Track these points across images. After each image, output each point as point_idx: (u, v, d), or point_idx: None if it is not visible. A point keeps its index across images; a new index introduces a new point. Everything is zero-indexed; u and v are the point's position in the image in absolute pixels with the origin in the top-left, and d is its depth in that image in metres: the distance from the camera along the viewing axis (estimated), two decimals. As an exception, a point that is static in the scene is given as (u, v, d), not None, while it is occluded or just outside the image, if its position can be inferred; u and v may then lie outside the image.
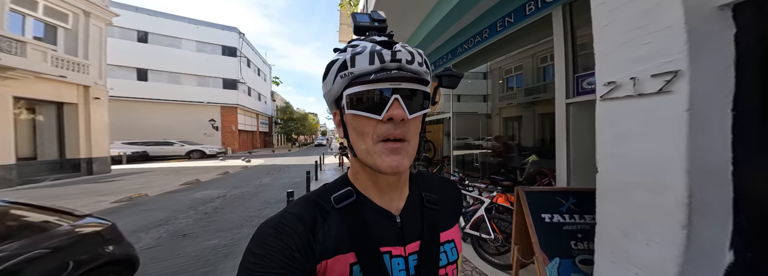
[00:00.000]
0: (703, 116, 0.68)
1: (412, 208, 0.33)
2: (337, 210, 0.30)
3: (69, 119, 6.54)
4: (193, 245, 2.35)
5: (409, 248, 0.31)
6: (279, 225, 0.28)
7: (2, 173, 5.01)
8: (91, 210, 3.45)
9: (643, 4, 0.79)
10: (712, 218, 0.68)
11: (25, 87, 5.45)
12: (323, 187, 0.34)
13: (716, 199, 0.68)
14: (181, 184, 5.46)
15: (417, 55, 0.28)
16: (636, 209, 0.81)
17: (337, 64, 0.28)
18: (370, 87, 0.26)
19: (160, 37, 14.24)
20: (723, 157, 0.68)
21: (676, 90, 0.70)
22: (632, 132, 0.82)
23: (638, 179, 0.80)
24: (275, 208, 3.58)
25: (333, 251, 0.28)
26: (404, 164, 0.26)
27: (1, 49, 4.71)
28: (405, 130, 0.27)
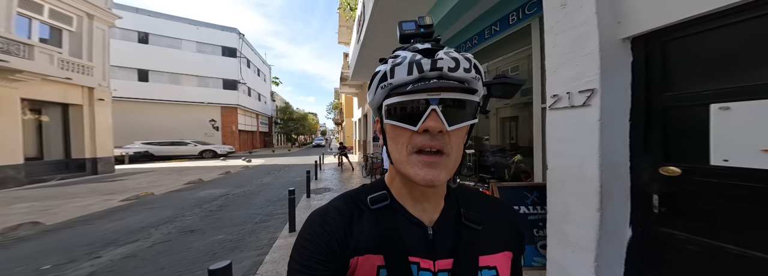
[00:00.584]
0: (609, 125, 0.89)
1: (447, 223, 0.31)
2: (372, 211, 0.31)
3: (74, 120, 6.73)
4: (201, 240, 2.54)
5: (440, 264, 0.29)
6: (325, 216, 0.30)
7: (11, 173, 5.20)
8: (100, 208, 3.65)
9: (575, 33, 0.99)
10: (617, 203, 0.89)
11: (32, 89, 5.64)
12: (362, 187, 0.35)
13: (618, 187, 0.89)
14: (184, 184, 5.65)
15: (463, 61, 0.26)
16: (570, 198, 1.01)
17: (378, 75, 0.28)
18: (407, 98, 0.26)
19: (160, 38, 14.40)
20: (623, 156, 0.89)
21: (593, 104, 0.91)
22: (567, 136, 1.03)
23: (571, 174, 1.00)
24: (278, 206, 3.77)
25: (364, 249, 0.28)
26: (440, 178, 0.25)
27: (9, 52, 4.90)
28: (443, 142, 0.25)
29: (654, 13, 0.80)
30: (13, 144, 5.24)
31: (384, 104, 0.28)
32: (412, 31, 0.30)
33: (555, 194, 1.10)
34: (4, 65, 4.78)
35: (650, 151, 0.85)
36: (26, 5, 5.72)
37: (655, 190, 0.84)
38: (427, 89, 0.25)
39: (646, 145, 0.85)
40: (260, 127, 21.70)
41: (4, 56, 4.79)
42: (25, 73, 5.15)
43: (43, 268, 1.96)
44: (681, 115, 0.81)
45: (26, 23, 5.86)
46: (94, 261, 2.09)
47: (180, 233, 2.73)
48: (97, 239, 2.56)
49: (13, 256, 2.23)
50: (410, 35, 0.30)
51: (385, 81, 0.28)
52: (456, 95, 0.25)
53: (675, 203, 0.82)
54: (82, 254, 2.22)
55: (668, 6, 0.76)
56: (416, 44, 0.29)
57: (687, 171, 0.77)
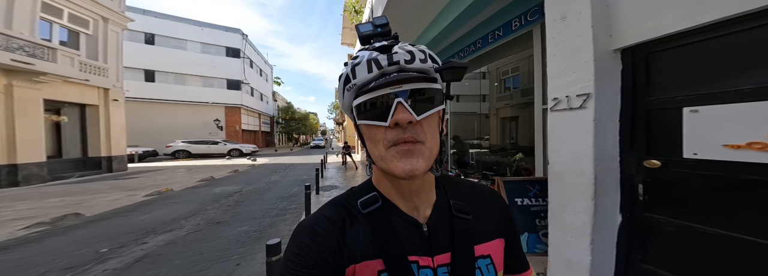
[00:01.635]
0: (602, 124, 1.08)
1: (440, 217, 0.31)
2: (364, 215, 0.30)
3: (90, 120, 7.03)
4: (228, 230, 2.77)
5: (438, 260, 0.29)
6: (313, 226, 0.29)
7: (35, 170, 5.49)
8: (128, 202, 3.91)
9: (573, 43, 1.18)
10: (608, 192, 1.09)
11: (54, 90, 5.93)
12: (350, 191, 0.34)
13: (609, 179, 1.08)
14: (198, 181, 5.91)
15: (417, 53, 0.27)
16: (568, 190, 1.21)
17: (342, 78, 0.29)
18: (372, 95, 0.26)
19: (166, 39, 14.71)
20: (613, 151, 1.08)
21: (588, 106, 1.10)
22: (566, 134, 1.22)
23: (569, 168, 1.20)
24: (289, 202, 3.99)
25: (360, 256, 0.28)
26: (419, 167, 0.25)
27: (35, 56, 5.18)
28: (416, 133, 0.26)
29: (639, 28, 0.99)
30: (37, 142, 5.53)
31: (353, 106, 0.28)
32: (369, 32, 0.30)
33: (555, 187, 1.29)
34: (30, 68, 5.06)
35: (635, 147, 1.04)
36: (48, 10, 6.00)
37: (640, 181, 1.03)
38: (389, 83, 0.26)
39: (632, 141, 1.05)
40: (262, 126, 22.00)
41: (31, 59, 5.07)
42: (48, 76, 5.43)
43: (102, 251, 2.21)
44: (660, 116, 0.99)
45: (48, 27, 6.14)
46: (142, 246, 2.33)
47: (208, 225, 2.96)
48: (136, 228, 2.81)
49: (71, 241, 2.49)
50: (369, 36, 0.30)
51: (349, 82, 0.28)
52: (417, 85, 0.26)
53: (656, 191, 1.01)
54: (129, 240, 2.47)
55: (650, 23, 0.95)
56: (375, 43, 0.29)
57: (665, 163, 0.96)
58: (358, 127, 0.30)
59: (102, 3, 7.08)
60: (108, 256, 2.13)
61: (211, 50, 16.17)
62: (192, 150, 12.30)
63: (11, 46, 4.84)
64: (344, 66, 0.30)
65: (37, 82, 5.47)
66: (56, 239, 2.55)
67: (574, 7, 1.14)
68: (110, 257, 2.11)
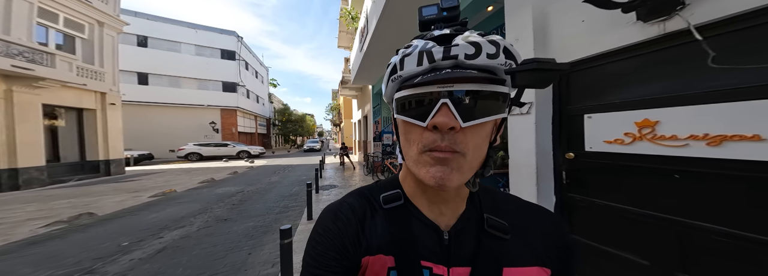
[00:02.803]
0: (541, 126, 1.43)
1: (466, 229, 0.29)
2: (385, 210, 0.30)
3: (88, 124, 7.10)
4: (236, 226, 3.03)
5: (455, 272, 0.27)
6: (338, 211, 0.30)
7: (36, 174, 5.57)
8: (135, 203, 4.10)
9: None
10: (546, 179, 1.44)
11: (52, 95, 6.01)
12: (375, 184, 0.34)
13: (546, 168, 1.43)
14: (199, 182, 6.08)
15: (486, 46, 0.23)
16: (522, 178, 1.55)
17: (389, 67, 0.27)
18: (415, 91, 0.24)
19: (159, 42, 14.66)
20: (548, 147, 1.44)
21: (532, 112, 1.45)
22: (518, 134, 1.57)
23: (522, 161, 1.54)
24: (291, 200, 4.25)
25: (376, 249, 0.28)
26: (451, 179, 0.23)
27: (34, 61, 5.29)
28: (454, 142, 0.23)
29: (562, 53, 1.33)
30: (37, 147, 5.61)
31: (395, 98, 0.27)
32: (432, 16, 0.27)
33: (513, 177, 1.63)
34: (30, 73, 5.17)
35: (561, 143, 1.39)
36: (44, 15, 6.08)
37: (564, 169, 1.37)
38: (437, 80, 0.23)
39: (559, 139, 1.40)
40: (259, 128, 21.99)
41: (30, 65, 5.18)
42: (47, 81, 5.54)
43: (123, 245, 2.45)
44: (573, 120, 1.33)
45: (44, 32, 6.22)
46: (159, 240, 2.58)
47: (216, 221, 3.21)
48: (149, 225, 3.04)
49: (92, 236, 2.72)
50: (430, 21, 0.28)
51: (395, 73, 0.26)
52: (473, 86, 0.23)
53: (573, 177, 1.35)
54: (146, 235, 2.71)
55: (567, 51, 1.30)
56: (435, 31, 0.26)
57: (577, 155, 1.30)
58: (396, 120, 0.28)
59: (97, 7, 7.17)
60: (130, 248, 2.38)
61: (206, 52, 16.17)
62: (203, 152, 12.66)
63: (11, 52, 4.95)
64: (396, 53, 0.27)
65: (37, 87, 5.56)
66: (78, 235, 2.76)
67: (523, 32, 1.49)
68: (133, 249, 2.36)
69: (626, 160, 1.06)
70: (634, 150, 1.00)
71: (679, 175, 0.89)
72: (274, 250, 2.34)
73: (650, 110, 0.94)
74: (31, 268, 2.02)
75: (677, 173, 0.90)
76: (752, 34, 0.74)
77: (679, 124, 0.86)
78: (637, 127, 0.98)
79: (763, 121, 0.70)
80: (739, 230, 0.78)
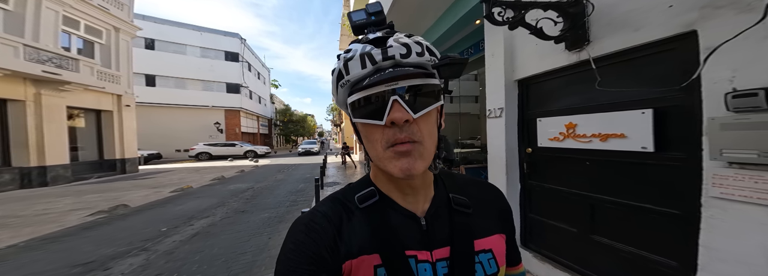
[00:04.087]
0: (509, 127, 1.83)
1: (438, 211, 0.32)
2: (361, 210, 0.31)
3: (106, 125, 7.58)
4: (253, 217, 3.45)
5: (437, 254, 0.29)
6: (309, 222, 0.30)
7: (61, 171, 6.04)
8: (155, 198, 4.53)
9: (495, 74, 1.91)
10: (513, 169, 1.84)
11: (75, 98, 6.50)
12: (347, 187, 0.35)
13: (513, 161, 1.83)
14: (210, 180, 6.52)
15: (414, 46, 0.26)
16: (496, 170, 1.94)
17: (335, 74, 0.28)
18: (366, 93, 0.26)
19: (166, 44, 15.17)
20: (514, 144, 1.84)
21: (502, 116, 1.85)
22: (493, 134, 1.97)
23: (496, 155, 1.94)
24: (298, 195, 4.67)
25: (357, 251, 0.28)
26: (417, 167, 0.25)
27: (61, 66, 5.76)
28: (411, 132, 0.25)
29: (523, 68, 1.72)
30: (62, 146, 6.09)
31: (348, 103, 0.28)
32: (363, 21, 0.30)
33: (490, 168, 2.03)
34: (57, 78, 5.64)
35: (523, 141, 1.79)
36: (67, 22, 6.57)
37: (525, 161, 1.78)
38: (384, 80, 0.25)
39: (521, 138, 1.80)
40: (261, 129, 22.46)
41: (58, 70, 5.66)
42: (72, 84, 6.01)
43: (163, 230, 2.88)
44: (531, 122, 1.72)
45: (67, 38, 6.71)
46: (191, 226, 3.01)
47: (235, 213, 3.63)
48: (178, 216, 3.47)
49: (134, 223, 3.17)
50: (362, 26, 0.30)
51: (342, 78, 0.27)
52: (414, 81, 0.26)
53: (531, 167, 1.74)
54: (179, 223, 3.14)
55: (526, 67, 1.69)
56: (369, 34, 0.29)
57: (533, 150, 1.70)
58: (355, 124, 0.30)
59: (114, 14, 7.66)
60: (169, 233, 2.81)
61: (211, 54, 16.67)
62: (212, 152, 13.27)
63: (41, 58, 5.42)
64: (337, 59, 0.29)
65: (62, 90, 6.04)
66: (120, 222, 3.21)
67: (497, 49, 1.89)
68: (172, 234, 2.79)
69: (560, 153, 1.46)
70: (564, 145, 1.40)
71: (589, 162, 1.29)
72: (291, 234, 2.76)
73: (572, 116, 1.34)
74: (94, 247, 2.45)
75: (587, 161, 1.30)
76: (620, 67, 1.15)
77: (587, 126, 1.26)
78: (566, 128, 1.38)
79: (625, 125, 1.10)
80: (618, 198, 1.17)
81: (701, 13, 0.85)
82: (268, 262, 2.12)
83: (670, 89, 0.96)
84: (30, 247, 2.47)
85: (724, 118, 0.78)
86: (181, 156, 13.99)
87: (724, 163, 0.80)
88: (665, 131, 0.99)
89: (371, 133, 0.27)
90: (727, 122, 0.77)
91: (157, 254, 2.27)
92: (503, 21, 1.17)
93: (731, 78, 0.78)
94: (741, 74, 0.76)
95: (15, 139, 5.46)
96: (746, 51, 0.75)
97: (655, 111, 1.00)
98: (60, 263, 2.10)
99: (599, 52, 1.19)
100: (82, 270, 1.98)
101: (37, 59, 5.35)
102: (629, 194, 1.14)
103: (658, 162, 1.02)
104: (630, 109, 1.08)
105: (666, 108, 0.99)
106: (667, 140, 0.99)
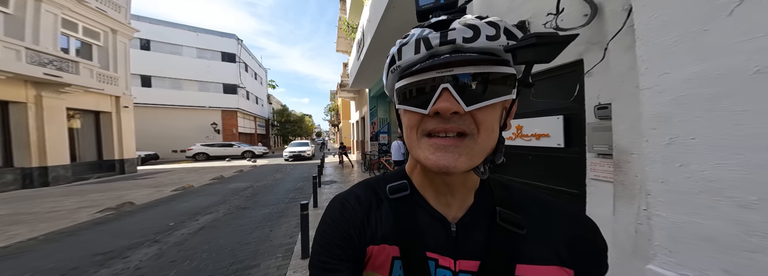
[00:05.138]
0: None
1: (476, 221, 0.28)
2: (390, 200, 0.30)
3: (104, 126, 7.71)
4: (254, 212, 3.69)
5: (462, 265, 0.26)
6: (345, 201, 0.31)
7: (62, 172, 6.18)
8: (159, 196, 4.73)
9: None
10: (486, 164, 2.14)
11: (75, 99, 6.63)
12: (383, 175, 0.34)
13: (486, 157, 2.13)
14: (210, 179, 6.71)
15: (485, 28, 0.23)
16: None
17: (388, 59, 0.27)
18: (415, 79, 0.24)
19: (161, 45, 15.20)
20: None
21: None
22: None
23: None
24: (297, 193, 4.91)
25: (380, 239, 0.28)
26: (458, 164, 0.23)
27: (62, 69, 5.90)
28: (461, 124, 0.23)
29: None
30: (62, 147, 6.22)
31: (395, 89, 0.26)
32: (430, 5, 0.28)
33: None
34: (58, 80, 5.78)
35: None
36: (66, 25, 6.69)
37: None
38: (436, 66, 0.23)
39: None
40: (258, 129, 22.54)
41: (59, 72, 5.80)
42: (72, 86, 6.15)
43: (170, 225, 3.11)
44: None
45: (65, 41, 6.82)
46: (196, 221, 3.25)
47: (237, 209, 3.87)
48: (183, 212, 3.69)
49: (142, 219, 3.39)
50: (428, 10, 0.29)
51: (393, 64, 0.26)
52: (474, 69, 0.22)
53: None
54: (185, 218, 3.37)
55: None
56: (433, 18, 0.27)
57: (506, 146, 2.01)
58: (399, 112, 0.29)
59: (111, 16, 7.78)
60: (177, 227, 3.04)
61: (207, 55, 16.73)
62: (210, 152, 13.34)
63: (42, 60, 5.56)
64: (394, 45, 0.27)
65: (62, 92, 6.18)
66: (129, 218, 3.42)
67: None
68: (179, 228, 3.02)
69: (513, 150, 1.77)
70: (516, 143, 1.70)
71: (530, 156, 1.60)
72: (290, 228, 3.02)
73: (520, 119, 1.65)
74: (109, 239, 2.67)
75: (529, 155, 1.60)
76: (546, 82, 1.46)
77: (529, 128, 1.57)
78: (516, 130, 1.68)
79: (549, 127, 1.41)
80: (546, 184, 1.48)
81: (585, 47, 1.16)
82: (270, 251, 2.38)
83: (570, 101, 1.28)
84: (50, 239, 2.68)
85: (593, 123, 1.11)
86: (178, 156, 14.07)
87: (595, 154, 1.12)
88: (570, 132, 1.31)
89: (410, 120, 0.26)
90: (595, 126, 1.10)
91: (169, 245, 2.50)
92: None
93: (598, 95, 1.11)
94: (603, 92, 1.08)
95: (17, 140, 5.59)
96: (603, 76, 1.07)
97: (564, 117, 1.32)
98: (82, 253, 2.32)
99: (534, 69, 1.48)
100: (103, 258, 2.21)
101: (38, 62, 5.49)
102: (553, 180, 1.46)
103: (567, 155, 1.34)
104: (551, 115, 1.40)
105: (569, 115, 1.31)
106: (571, 138, 1.31)
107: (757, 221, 0.52)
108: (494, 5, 1.86)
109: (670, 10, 0.63)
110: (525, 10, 1.54)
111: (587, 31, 1.12)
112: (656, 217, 0.67)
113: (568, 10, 1.21)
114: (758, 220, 0.52)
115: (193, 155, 12.87)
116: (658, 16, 0.66)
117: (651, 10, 0.67)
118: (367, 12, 5.03)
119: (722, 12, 0.54)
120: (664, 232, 0.66)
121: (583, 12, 1.14)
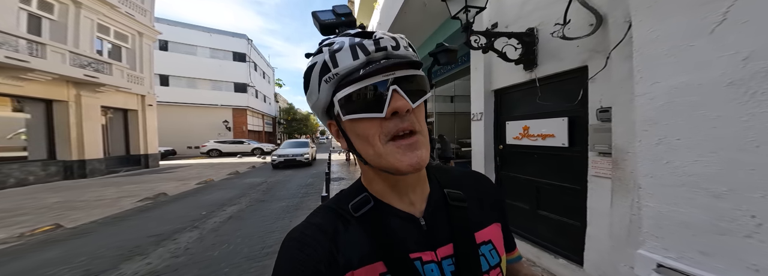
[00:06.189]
0: (487, 128, 2.36)
1: (436, 209, 0.32)
2: (357, 218, 0.30)
3: (131, 123, 8.41)
4: (273, 205, 4.07)
5: (441, 252, 0.29)
6: (302, 237, 0.29)
7: (97, 165, 6.85)
8: (186, 188, 5.22)
9: (478, 84, 2.44)
10: (489, 162, 2.36)
11: (108, 98, 7.29)
12: (339, 195, 0.34)
13: (490, 155, 2.36)
14: (227, 174, 7.22)
15: (400, 40, 0.27)
16: (477, 163, 2.47)
17: (316, 69, 0.27)
18: (363, 84, 0.25)
19: (178, 45, 16.05)
20: (491, 142, 2.37)
21: (482, 119, 2.38)
22: (476, 134, 2.50)
23: (478, 151, 2.48)
24: (309, 188, 5.27)
25: (358, 262, 0.27)
26: (424, 158, 0.25)
27: (98, 70, 6.52)
28: (412, 122, 0.25)
29: (497, 82, 2.24)
30: (97, 142, 6.89)
31: (336, 100, 0.26)
32: (333, 21, 0.29)
33: (474, 162, 2.57)
34: (95, 80, 6.41)
35: (497, 139, 2.32)
36: (101, 29, 7.35)
37: (498, 155, 2.30)
38: (381, 69, 0.24)
39: (496, 137, 2.32)
40: (266, 127, 23.31)
41: (96, 74, 6.42)
42: (106, 86, 6.78)
43: (203, 213, 3.54)
44: (502, 125, 2.23)
45: (99, 44, 7.49)
46: (224, 211, 3.67)
47: (257, 201, 4.27)
48: (211, 203, 4.14)
49: (177, 208, 3.87)
50: (332, 25, 0.29)
51: (328, 72, 0.26)
52: (410, 72, 0.26)
53: (502, 160, 2.26)
54: (214, 208, 3.80)
55: (499, 80, 2.20)
56: (346, 31, 0.28)
57: (504, 146, 2.23)
58: (341, 125, 0.28)
59: (139, 20, 8.42)
60: (209, 216, 3.45)
61: (219, 55, 17.50)
62: (222, 149, 14.19)
63: (82, 63, 6.19)
64: (308, 57, 0.28)
65: (98, 92, 6.82)
66: (166, 207, 3.89)
67: (478, 63, 2.41)
68: (212, 216, 3.43)
69: (520, 149, 2.01)
70: (522, 143, 1.94)
71: (536, 155, 1.83)
72: (309, 217, 3.37)
73: (527, 120, 1.88)
74: (155, 224, 3.11)
75: (535, 154, 1.83)
76: (552, 86, 1.67)
77: (535, 128, 1.79)
78: (523, 130, 1.91)
79: (554, 128, 1.62)
80: (551, 181, 1.71)
81: (589, 54, 1.37)
82: (294, 236, 2.72)
83: (575, 104, 1.49)
84: (107, 223, 3.16)
85: (595, 124, 1.32)
86: (192, 152, 14.88)
87: (596, 153, 1.33)
88: (574, 132, 1.52)
89: (366, 130, 0.26)
90: (597, 127, 1.31)
91: (207, 231, 2.90)
92: (478, 46, 1.62)
93: (600, 99, 1.31)
94: (604, 97, 1.29)
95: (59, 136, 6.27)
96: (605, 82, 1.28)
97: (569, 119, 1.53)
98: (137, 234, 2.75)
99: (542, 74, 1.72)
100: (156, 239, 2.63)
101: (79, 64, 6.11)
102: (556, 177, 1.68)
103: (570, 154, 1.56)
104: (556, 117, 1.62)
105: (573, 117, 1.52)
106: (574, 139, 1.52)
107: (726, 209, 0.58)
108: (504, 13, 2.06)
109: (663, 25, 0.68)
110: (534, 18, 1.72)
111: (592, 39, 1.25)
112: (645, 207, 0.73)
113: (575, 20, 1.35)
114: (727, 207, 0.58)
115: (207, 151, 13.65)
116: (653, 30, 0.71)
117: (647, 24, 0.72)
118: (378, 15, 5.27)
119: (705, 30, 0.60)
120: (651, 220, 0.72)
121: (589, 21, 1.27)
